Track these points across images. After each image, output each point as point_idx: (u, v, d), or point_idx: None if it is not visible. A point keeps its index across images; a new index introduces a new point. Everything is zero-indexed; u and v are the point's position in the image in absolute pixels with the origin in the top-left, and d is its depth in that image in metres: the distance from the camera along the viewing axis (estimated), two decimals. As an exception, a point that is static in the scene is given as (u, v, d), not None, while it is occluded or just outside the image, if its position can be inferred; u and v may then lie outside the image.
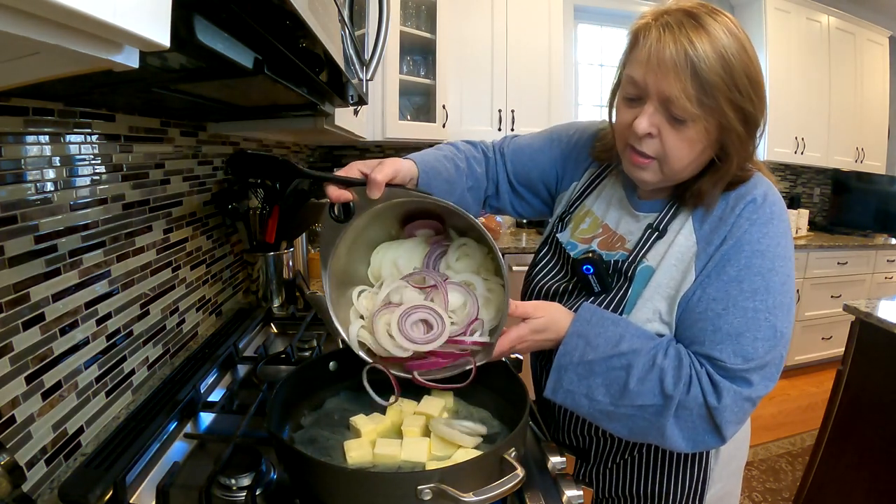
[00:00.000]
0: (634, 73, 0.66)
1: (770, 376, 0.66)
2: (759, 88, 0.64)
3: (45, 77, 0.33)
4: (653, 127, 0.65)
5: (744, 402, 0.65)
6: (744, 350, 0.65)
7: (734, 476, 0.85)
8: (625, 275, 0.74)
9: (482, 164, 0.92)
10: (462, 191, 0.85)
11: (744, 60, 0.62)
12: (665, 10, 0.65)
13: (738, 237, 0.67)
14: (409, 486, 0.53)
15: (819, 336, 3.28)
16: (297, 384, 0.75)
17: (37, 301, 0.71)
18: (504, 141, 0.97)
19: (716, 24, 0.62)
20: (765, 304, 0.65)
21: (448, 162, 0.83)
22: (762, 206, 0.68)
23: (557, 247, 0.87)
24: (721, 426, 0.65)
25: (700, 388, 0.65)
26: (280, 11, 0.48)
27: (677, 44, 0.61)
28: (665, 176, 0.69)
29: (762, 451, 2.44)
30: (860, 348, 1.67)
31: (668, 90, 0.62)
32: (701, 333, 0.67)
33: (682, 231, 0.72)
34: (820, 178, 3.92)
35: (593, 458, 0.87)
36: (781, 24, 3.08)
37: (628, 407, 0.67)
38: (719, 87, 0.61)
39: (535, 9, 2.67)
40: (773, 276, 0.66)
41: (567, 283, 0.82)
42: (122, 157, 0.91)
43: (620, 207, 0.81)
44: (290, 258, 1.47)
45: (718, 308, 0.66)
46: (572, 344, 0.69)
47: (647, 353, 0.67)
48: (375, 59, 0.98)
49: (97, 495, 0.65)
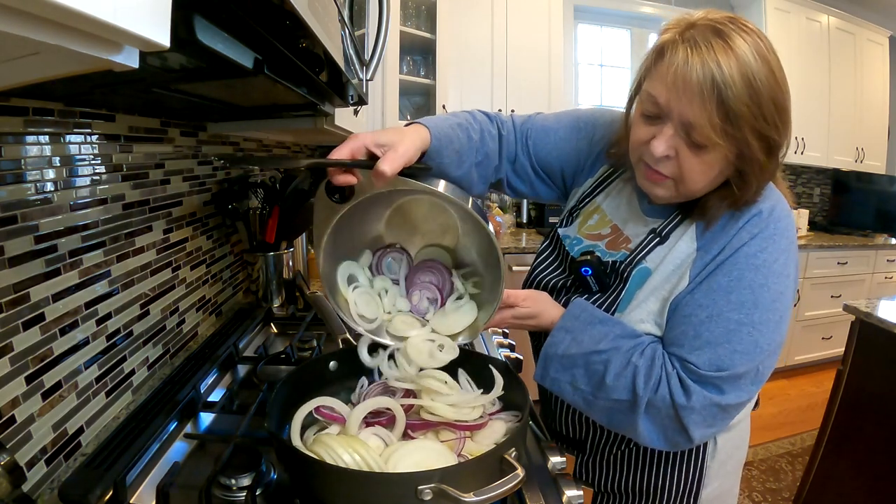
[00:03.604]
0: (656, 91, 0.63)
1: (744, 388, 0.67)
2: (785, 115, 0.62)
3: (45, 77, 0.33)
4: (671, 150, 0.64)
5: (712, 408, 0.66)
6: (719, 360, 0.65)
7: (732, 475, 0.85)
8: (621, 275, 0.75)
9: (496, 140, 0.86)
10: (470, 165, 0.80)
11: (772, 86, 0.59)
12: (692, 24, 0.62)
13: (737, 248, 0.66)
14: (409, 486, 0.53)
15: (819, 336, 3.28)
16: (297, 384, 0.75)
17: (37, 301, 0.71)
18: (527, 121, 0.90)
19: (745, 46, 0.58)
20: (749, 318, 0.65)
21: (462, 131, 0.78)
22: (767, 220, 0.67)
23: (558, 243, 0.87)
24: (688, 427, 0.66)
25: (669, 388, 0.66)
26: (280, 11, 0.48)
27: (704, 67, 0.58)
28: (679, 194, 0.68)
29: (762, 451, 2.44)
30: (860, 348, 1.67)
31: (691, 116, 0.60)
32: (682, 336, 0.68)
33: (683, 237, 0.72)
34: (820, 178, 3.92)
35: (589, 449, 0.88)
36: (781, 24, 3.08)
37: (605, 399, 0.70)
38: (745, 117, 0.58)
39: (535, 9, 2.67)
40: (764, 292, 0.65)
41: (566, 279, 0.83)
42: (122, 157, 0.91)
43: (629, 209, 0.80)
44: (290, 258, 1.47)
45: (703, 315, 0.67)
46: (559, 337, 0.73)
47: (626, 352, 0.69)
48: (375, 59, 0.98)
49: (97, 495, 0.65)
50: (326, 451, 0.58)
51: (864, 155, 3.51)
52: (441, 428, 0.68)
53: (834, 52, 3.30)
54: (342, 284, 0.74)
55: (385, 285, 0.78)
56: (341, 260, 0.75)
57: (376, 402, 0.68)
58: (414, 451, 0.62)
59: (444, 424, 0.67)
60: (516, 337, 1.24)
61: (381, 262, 0.79)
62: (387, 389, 0.74)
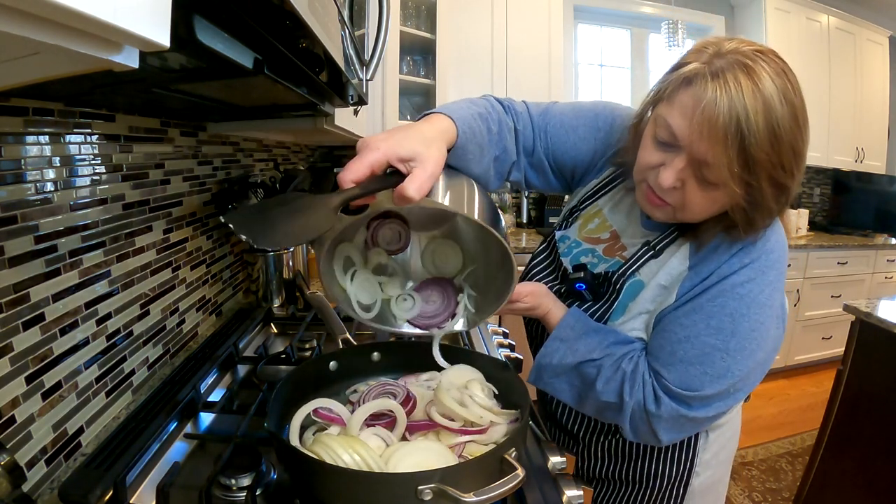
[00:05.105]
0: (675, 123, 0.61)
1: (714, 407, 0.69)
2: (801, 161, 0.61)
3: (45, 77, 0.33)
4: (678, 182, 0.63)
5: (680, 419, 0.69)
6: (690, 379, 0.68)
7: (724, 464, 0.87)
8: (613, 286, 0.77)
9: (512, 134, 0.82)
10: (490, 160, 0.76)
11: (793, 132, 0.58)
12: (721, 54, 0.59)
13: (724, 276, 0.67)
14: (409, 486, 0.53)
15: (819, 336, 3.28)
16: (297, 384, 0.75)
17: (37, 301, 0.71)
18: (544, 113, 0.85)
19: (773, 88, 0.56)
20: (725, 345, 0.66)
21: (483, 123, 0.74)
22: (759, 251, 0.66)
23: (554, 249, 0.89)
24: (657, 431, 0.71)
25: (643, 394, 0.70)
26: (280, 11, 0.48)
27: (731, 111, 0.55)
28: (677, 220, 0.69)
29: (762, 451, 2.44)
30: (860, 348, 1.67)
31: (710, 158, 0.58)
32: (658, 350, 0.71)
33: (676, 254, 0.72)
34: (820, 178, 3.92)
35: (582, 439, 0.90)
36: (781, 24, 3.09)
37: (595, 400, 0.74)
38: (763, 165, 0.57)
39: (535, 9, 2.67)
40: (743, 322, 0.66)
41: (560, 286, 0.85)
42: (122, 157, 0.91)
43: (629, 217, 0.81)
44: (290, 258, 1.47)
45: (682, 334, 0.69)
46: (553, 347, 0.77)
47: (617, 358, 0.72)
48: (375, 59, 0.98)
49: (97, 495, 0.65)
50: (326, 452, 0.58)
51: (864, 155, 3.51)
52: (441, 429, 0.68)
53: (834, 52, 3.30)
54: (339, 274, 0.71)
55: (380, 259, 0.74)
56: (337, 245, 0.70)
57: (378, 404, 0.67)
58: (414, 452, 0.62)
59: (445, 428, 0.67)
60: (516, 337, 1.24)
61: (376, 233, 0.73)
62: (387, 391, 0.73)
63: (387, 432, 0.66)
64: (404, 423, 0.67)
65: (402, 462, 0.60)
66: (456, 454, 0.63)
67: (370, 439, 0.64)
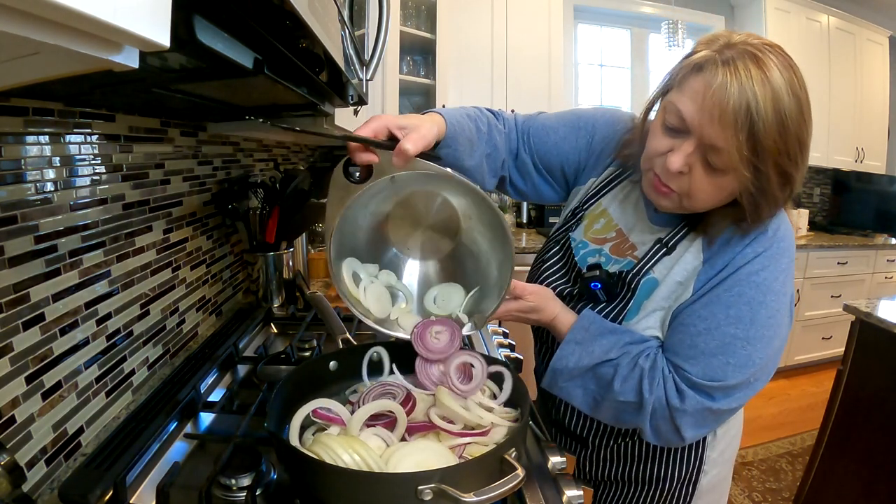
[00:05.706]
0: (685, 108, 0.62)
1: (735, 398, 0.69)
2: (805, 153, 0.62)
3: (45, 77, 0.33)
4: (686, 166, 0.64)
5: (704, 412, 0.69)
6: (712, 371, 0.68)
7: (729, 462, 0.87)
8: (628, 285, 0.77)
9: (501, 134, 0.88)
10: (481, 156, 0.81)
11: (799, 123, 0.59)
12: (731, 44, 0.61)
13: (740, 266, 0.68)
14: (409, 486, 0.53)
15: (819, 336, 3.29)
16: (297, 384, 0.75)
17: (37, 301, 0.71)
18: (528, 120, 0.92)
19: (781, 80, 0.58)
20: (745, 334, 0.67)
21: (471, 122, 0.80)
22: (771, 239, 0.68)
23: (567, 250, 0.88)
24: (681, 428, 0.70)
25: (665, 390, 0.69)
26: (280, 11, 0.48)
27: (741, 96, 0.57)
28: (683, 207, 0.69)
29: (762, 451, 2.44)
30: (860, 348, 1.67)
31: (720, 142, 0.59)
32: (679, 345, 0.71)
33: (690, 249, 0.73)
34: (820, 178, 3.92)
35: (591, 443, 0.89)
36: (781, 24, 3.09)
37: (612, 401, 0.73)
38: (771, 151, 0.59)
39: (535, 9, 2.67)
40: (761, 309, 0.67)
41: (572, 288, 0.84)
42: (122, 157, 0.91)
43: (636, 214, 0.81)
44: (290, 258, 1.46)
45: (701, 327, 0.69)
46: (569, 350, 0.75)
47: (634, 356, 0.72)
48: (375, 59, 0.98)
49: (97, 495, 0.65)
50: (326, 452, 0.58)
51: (864, 155, 3.51)
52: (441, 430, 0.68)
53: (834, 52, 3.30)
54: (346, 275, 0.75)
55: (389, 280, 0.80)
56: (346, 255, 0.75)
57: (378, 405, 0.67)
58: (414, 452, 0.62)
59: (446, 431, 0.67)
60: (516, 337, 1.24)
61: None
62: (387, 391, 0.73)
63: (387, 432, 0.66)
64: (404, 424, 0.67)
65: (403, 462, 0.60)
66: (457, 455, 0.63)
67: (370, 439, 0.64)
